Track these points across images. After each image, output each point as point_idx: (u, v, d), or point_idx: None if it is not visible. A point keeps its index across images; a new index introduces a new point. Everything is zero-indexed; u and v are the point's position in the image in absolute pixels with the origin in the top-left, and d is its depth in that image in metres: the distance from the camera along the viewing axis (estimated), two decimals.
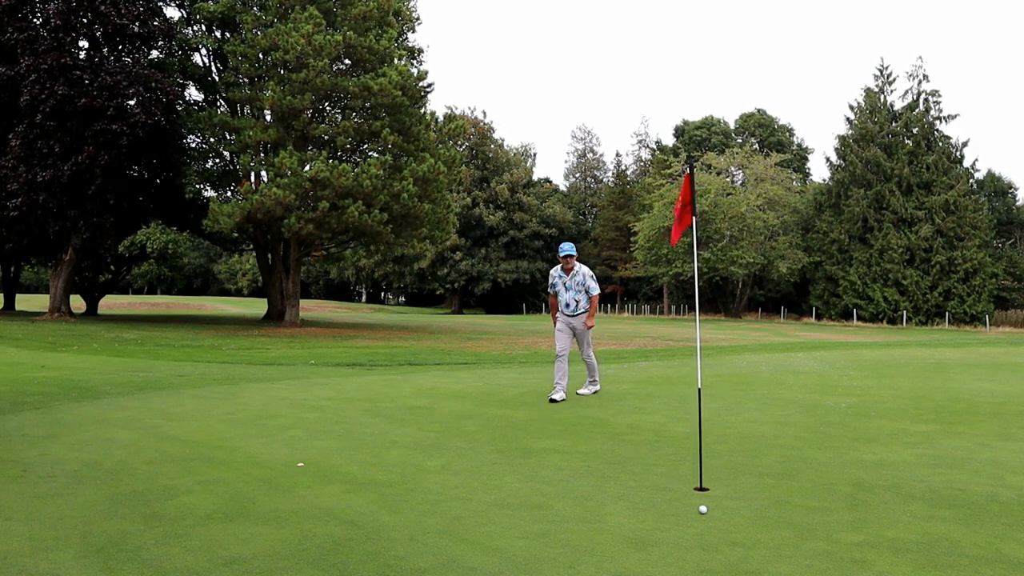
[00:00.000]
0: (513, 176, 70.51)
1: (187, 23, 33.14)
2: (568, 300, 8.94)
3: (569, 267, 8.83)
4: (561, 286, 8.98)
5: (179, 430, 6.93)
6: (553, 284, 9.07)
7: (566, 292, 8.94)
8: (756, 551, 3.83)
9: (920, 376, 13.07)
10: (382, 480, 5.20)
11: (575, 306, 8.94)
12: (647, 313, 65.26)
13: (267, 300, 37.48)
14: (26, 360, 13.72)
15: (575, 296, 8.90)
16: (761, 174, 56.66)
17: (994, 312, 48.65)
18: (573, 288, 8.89)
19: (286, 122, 28.60)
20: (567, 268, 8.87)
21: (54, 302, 30.99)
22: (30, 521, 4.17)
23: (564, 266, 8.89)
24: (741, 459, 5.99)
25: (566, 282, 8.93)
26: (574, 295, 8.90)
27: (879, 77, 52.69)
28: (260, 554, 3.71)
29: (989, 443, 6.74)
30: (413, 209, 28.69)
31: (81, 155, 26.63)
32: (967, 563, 3.68)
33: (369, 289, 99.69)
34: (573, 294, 8.90)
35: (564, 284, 8.96)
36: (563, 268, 8.92)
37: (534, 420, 7.79)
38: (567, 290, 8.93)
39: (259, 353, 17.20)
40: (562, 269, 8.94)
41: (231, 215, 27.06)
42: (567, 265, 8.85)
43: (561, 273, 8.96)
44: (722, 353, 18.82)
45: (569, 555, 3.76)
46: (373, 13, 29.03)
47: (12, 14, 27.54)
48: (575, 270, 8.87)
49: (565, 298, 8.96)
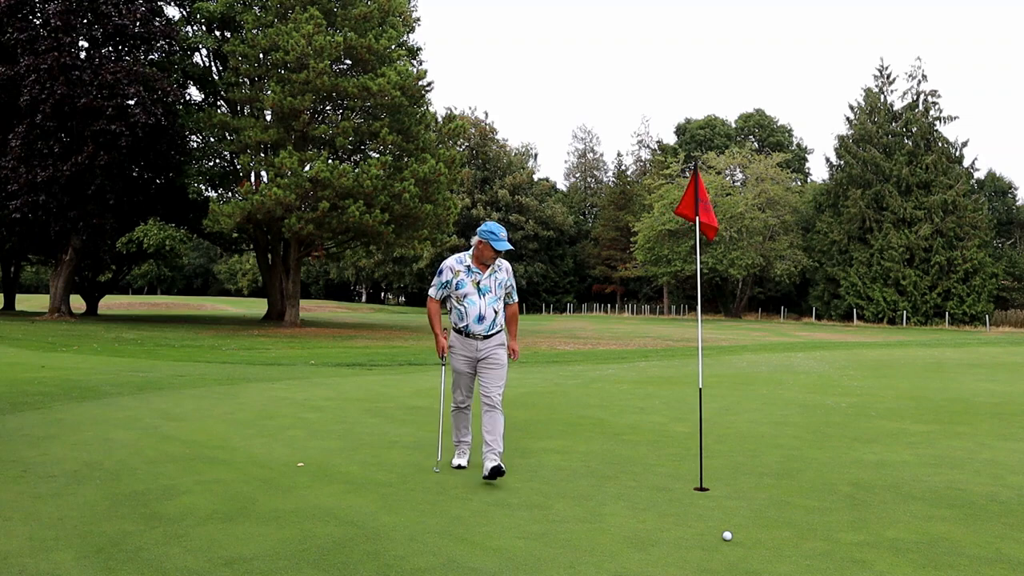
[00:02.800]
0: (516, 179, 70.53)
1: (187, 23, 33.15)
2: (484, 311, 5.39)
3: (489, 258, 5.40)
4: (472, 287, 5.40)
5: (179, 430, 6.93)
6: (449, 283, 5.45)
7: (480, 297, 5.40)
8: (756, 551, 3.83)
9: (920, 376, 13.07)
10: (382, 480, 5.20)
11: (491, 321, 5.43)
12: (647, 313, 65.27)
13: (267, 300, 37.49)
14: (26, 360, 13.72)
15: (494, 304, 5.45)
16: (761, 174, 56.67)
17: (994, 312, 48.64)
18: (492, 291, 5.44)
19: (286, 122, 28.60)
20: (485, 259, 5.41)
21: (54, 302, 30.99)
22: (30, 521, 4.17)
23: (481, 255, 5.40)
24: (741, 459, 5.99)
25: (480, 281, 5.42)
26: (493, 302, 5.44)
27: (879, 77, 52.72)
28: (260, 554, 3.71)
29: (989, 443, 6.74)
30: (414, 210, 28.70)
31: (81, 155, 26.64)
32: (967, 563, 3.68)
33: (369, 289, 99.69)
34: (492, 301, 5.43)
35: (478, 284, 5.41)
36: (477, 259, 5.43)
37: (534, 420, 7.79)
38: (482, 294, 5.40)
39: (259, 353, 17.20)
40: (475, 260, 5.45)
41: (231, 215, 27.06)
42: (486, 254, 5.39)
43: (472, 267, 5.44)
44: (722, 353, 18.82)
45: (569, 555, 3.76)
46: (373, 13, 29.04)
47: (12, 14, 27.55)
48: (497, 264, 5.51)
49: (477, 307, 5.39)
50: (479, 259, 5.41)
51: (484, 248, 5.36)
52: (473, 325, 5.39)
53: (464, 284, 5.40)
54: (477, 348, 5.42)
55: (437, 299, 5.52)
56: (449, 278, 5.43)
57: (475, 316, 5.39)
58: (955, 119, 50.27)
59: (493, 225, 5.37)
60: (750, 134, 76.18)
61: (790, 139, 76.73)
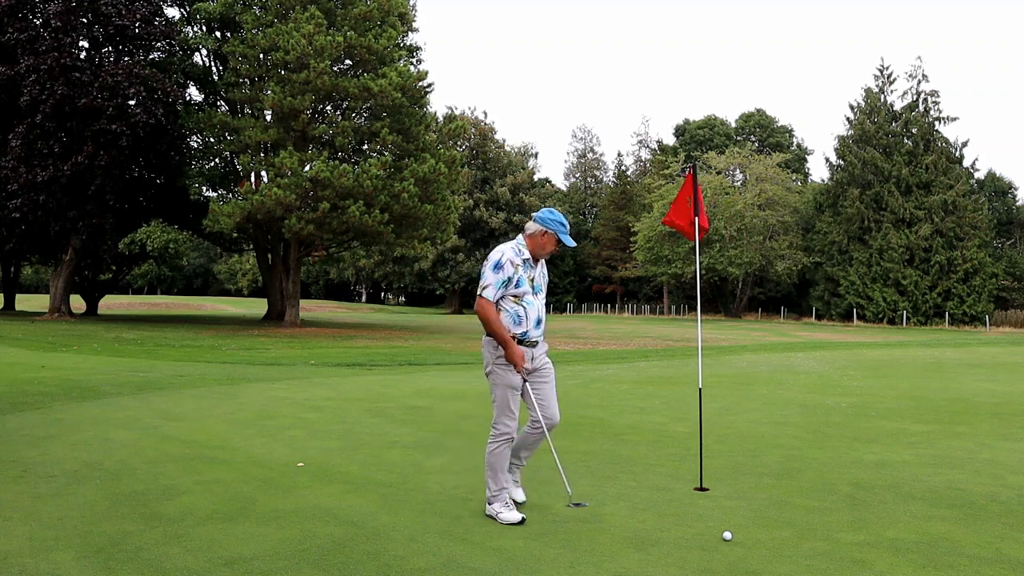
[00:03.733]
0: (516, 179, 70.53)
1: (187, 23, 33.15)
2: (541, 312, 4.63)
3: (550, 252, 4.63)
4: (528, 284, 4.54)
5: (179, 430, 6.93)
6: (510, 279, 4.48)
7: (534, 296, 4.58)
8: (756, 551, 3.83)
9: (920, 376, 13.07)
10: (382, 480, 5.20)
11: (544, 325, 4.72)
12: (647, 313, 65.27)
13: (267, 300, 37.50)
14: (26, 360, 13.72)
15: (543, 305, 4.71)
16: (761, 174, 56.69)
17: (994, 312, 48.61)
18: (543, 288, 4.71)
19: (286, 122, 28.61)
20: (544, 254, 4.62)
21: (54, 302, 30.99)
22: (30, 521, 4.17)
23: (542, 248, 4.58)
24: (741, 459, 5.99)
25: (534, 277, 4.60)
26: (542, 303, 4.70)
27: (879, 77, 52.71)
28: (260, 554, 3.71)
29: (989, 443, 6.74)
30: (414, 210, 28.71)
31: (81, 155, 26.64)
32: (967, 563, 3.68)
33: (369, 289, 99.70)
34: (543, 300, 4.72)
35: (532, 281, 4.57)
36: (535, 251, 4.58)
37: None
38: (535, 292, 4.60)
39: (259, 353, 17.20)
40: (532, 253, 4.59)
41: (231, 215, 27.07)
42: (548, 248, 4.59)
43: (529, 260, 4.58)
44: (722, 353, 18.82)
45: (569, 555, 3.76)
46: (373, 13, 29.04)
47: (12, 14, 27.56)
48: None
49: (536, 308, 4.58)
50: (537, 252, 4.56)
51: (547, 240, 4.53)
52: (532, 330, 4.51)
53: (523, 281, 4.51)
54: (532, 357, 4.54)
55: (493, 299, 4.42)
56: (511, 274, 4.45)
57: (535, 319, 4.54)
58: (955, 119, 50.29)
59: (559, 214, 4.58)
60: (750, 134, 76.19)
61: (790, 139, 76.73)
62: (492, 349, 4.47)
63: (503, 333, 4.40)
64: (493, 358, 4.46)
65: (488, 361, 4.49)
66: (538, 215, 4.58)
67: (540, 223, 4.53)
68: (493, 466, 4.45)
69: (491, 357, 4.47)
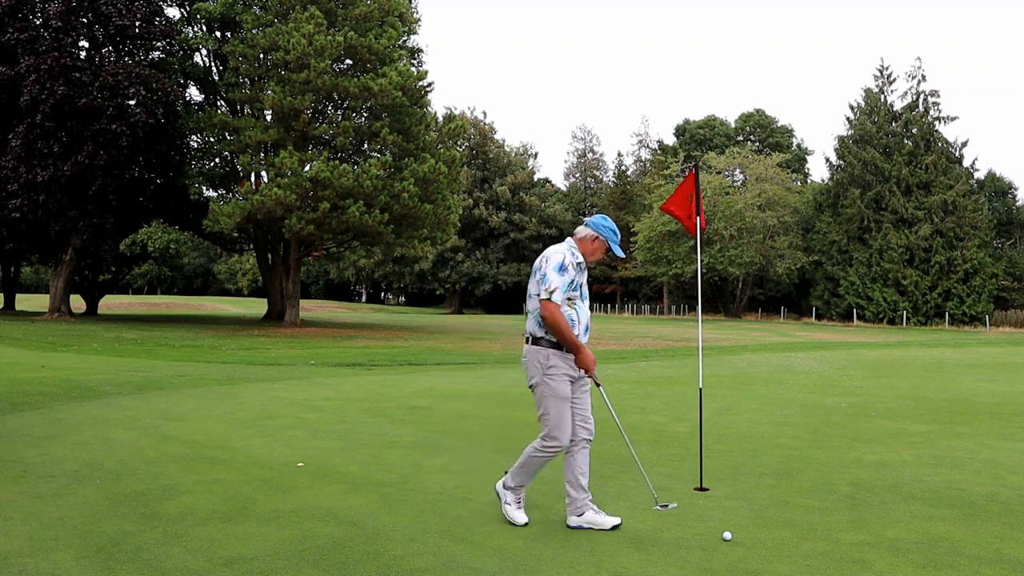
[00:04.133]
0: (517, 178, 70.51)
1: (187, 23, 33.15)
2: (588, 319, 4.41)
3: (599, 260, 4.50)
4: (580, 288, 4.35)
5: (179, 430, 6.93)
6: (573, 282, 4.28)
7: (583, 302, 4.38)
8: (756, 551, 3.83)
9: (920, 376, 13.08)
10: (382, 480, 5.20)
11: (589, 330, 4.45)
12: (647, 313, 65.27)
13: (267, 300, 37.48)
14: (26, 360, 13.72)
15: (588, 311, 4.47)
16: (761, 174, 56.69)
17: (994, 312, 48.61)
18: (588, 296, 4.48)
19: (286, 122, 28.60)
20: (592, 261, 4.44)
21: (54, 302, 30.99)
22: (30, 521, 4.17)
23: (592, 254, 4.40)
24: (741, 459, 5.99)
25: (583, 283, 4.39)
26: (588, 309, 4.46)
27: (879, 77, 52.73)
28: (260, 554, 3.71)
29: (989, 443, 6.74)
30: (414, 210, 28.70)
31: (81, 155, 26.64)
32: (967, 563, 3.68)
33: (369, 289, 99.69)
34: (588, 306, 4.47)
35: (581, 286, 4.36)
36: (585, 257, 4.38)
37: (534, 420, 7.77)
38: (584, 299, 4.39)
39: (259, 353, 17.20)
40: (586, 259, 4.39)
41: (231, 215, 27.06)
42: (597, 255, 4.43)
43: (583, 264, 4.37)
44: (722, 353, 18.82)
45: (569, 555, 3.76)
46: (374, 13, 29.04)
47: (12, 14, 27.55)
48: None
49: (585, 313, 4.37)
50: (587, 257, 4.37)
51: (598, 247, 4.37)
52: (582, 336, 4.28)
53: (578, 285, 4.30)
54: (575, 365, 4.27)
55: (560, 302, 4.14)
56: (574, 276, 4.24)
57: (585, 324, 4.32)
58: (955, 119, 50.30)
59: (612, 222, 4.42)
60: (750, 134, 76.19)
61: (790, 139, 76.73)
62: (542, 359, 4.18)
63: (574, 338, 4.16)
64: (543, 368, 4.18)
65: (535, 372, 4.20)
66: (591, 220, 4.41)
67: (593, 228, 4.36)
68: (528, 466, 4.32)
69: (540, 367, 4.19)
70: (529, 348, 4.26)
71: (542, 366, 4.20)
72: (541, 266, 4.26)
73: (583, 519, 4.23)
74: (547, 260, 4.24)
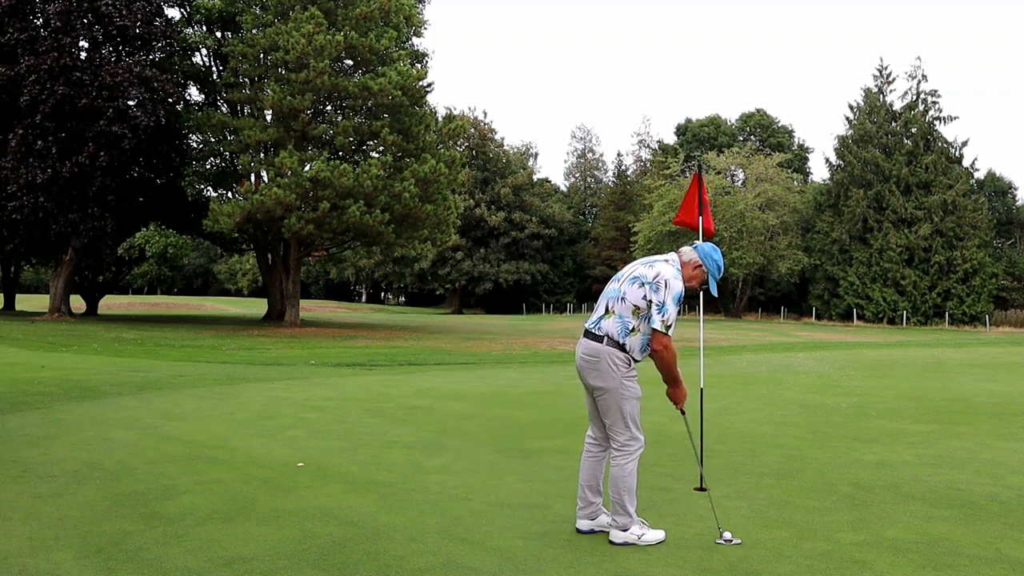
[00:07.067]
0: (517, 179, 70.52)
1: (187, 23, 33.16)
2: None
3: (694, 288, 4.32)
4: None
5: (179, 430, 6.93)
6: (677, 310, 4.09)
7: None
8: (756, 551, 3.83)
9: (920, 376, 13.08)
10: (382, 480, 5.20)
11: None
12: None
13: (267, 300, 37.47)
14: (26, 360, 13.71)
15: None
16: (762, 174, 56.68)
17: (994, 312, 48.59)
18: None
19: (286, 122, 28.60)
20: (687, 285, 4.21)
21: (54, 302, 30.98)
22: (30, 521, 4.17)
23: (689, 281, 4.23)
24: (741, 459, 5.99)
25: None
26: None
27: (878, 77, 52.69)
28: (260, 554, 3.71)
29: (989, 443, 6.74)
30: (414, 210, 28.70)
31: (81, 155, 26.63)
32: (967, 563, 3.68)
33: (369, 289, 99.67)
34: None
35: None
36: (686, 281, 4.21)
37: (534, 420, 7.79)
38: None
39: (259, 353, 17.20)
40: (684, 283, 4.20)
41: (231, 215, 27.05)
42: (694, 284, 4.26)
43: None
44: (722, 353, 18.82)
45: (569, 555, 3.76)
46: (374, 13, 29.03)
47: (12, 14, 27.53)
48: None
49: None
50: (686, 283, 4.17)
51: (697, 275, 4.20)
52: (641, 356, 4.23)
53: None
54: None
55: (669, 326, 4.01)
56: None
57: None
58: (955, 119, 50.24)
59: (721, 257, 4.27)
60: (751, 134, 76.13)
61: (791, 139, 76.68)
62: (624, 366, 4.06)
63: (679, 375, 4.15)
64: (623, 373, 4.06)
65: (615, 376, 4.05)
66: (701, 248, 4.24)
67: (701, 256, 4.21)
68: (630, 487, 4.04)
69: (620, 373, 4.06)
70: (605, 349, 4.07)
71: (623, 371, 4.07)
72: (659, 288, 4.00)
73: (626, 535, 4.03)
74: (667, 286, 4.00)
